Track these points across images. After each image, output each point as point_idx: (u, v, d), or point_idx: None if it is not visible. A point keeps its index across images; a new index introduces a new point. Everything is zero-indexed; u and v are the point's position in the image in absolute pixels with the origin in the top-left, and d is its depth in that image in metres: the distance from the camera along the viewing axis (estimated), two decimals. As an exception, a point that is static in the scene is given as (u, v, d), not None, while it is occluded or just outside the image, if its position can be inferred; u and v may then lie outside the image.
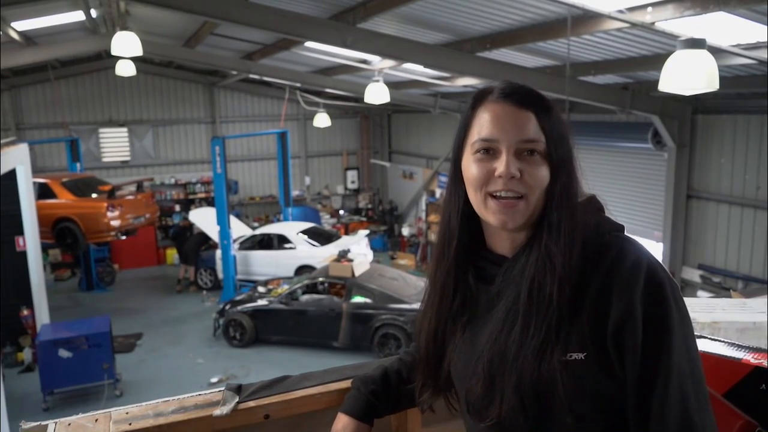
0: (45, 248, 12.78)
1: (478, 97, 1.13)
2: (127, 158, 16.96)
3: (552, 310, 1.03)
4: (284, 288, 10.92)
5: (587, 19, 5.69)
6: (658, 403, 1.00)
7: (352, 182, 19.79)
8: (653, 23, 5.13)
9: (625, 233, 1.12)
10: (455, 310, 1.20)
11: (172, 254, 16.42)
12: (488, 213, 1.10)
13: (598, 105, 8.68)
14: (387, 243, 17.58)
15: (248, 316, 10.53)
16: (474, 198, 1.12)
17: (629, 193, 9.98)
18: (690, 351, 1.02)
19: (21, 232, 9.67)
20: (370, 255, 13.20)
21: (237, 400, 1.41)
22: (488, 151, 1.09)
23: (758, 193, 8.08)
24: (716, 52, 5.12)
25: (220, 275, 13.31)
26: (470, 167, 1.11)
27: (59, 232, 11.91)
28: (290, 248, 13.10)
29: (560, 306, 1.03)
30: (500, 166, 1.06)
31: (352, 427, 1.33)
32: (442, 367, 1.23)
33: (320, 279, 10.64)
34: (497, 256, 1.17)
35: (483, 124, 1.10)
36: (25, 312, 9.82)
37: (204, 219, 13.98)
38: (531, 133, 1.07)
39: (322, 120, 15.77)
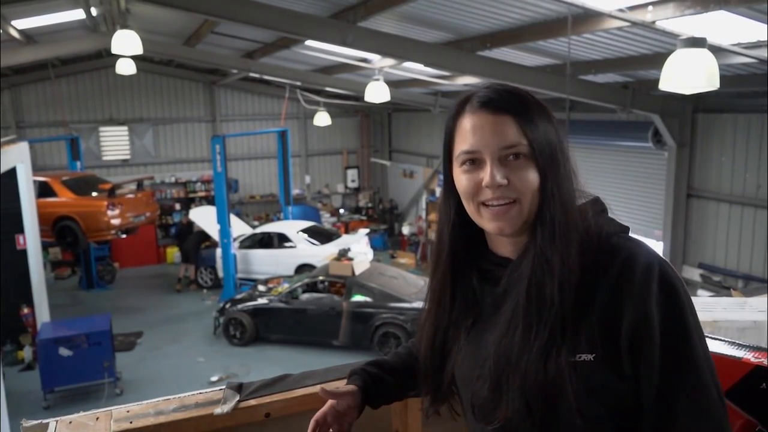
0: (45, 247, 12.77)
1: (458, 108, 1.13)
2: (128, 157, 16.95)
3: (554, 311, 1.03)
4: (284, 287, 10.92)
5: (588, 17, 5.69)
6: (686, 402, 1.00)
7: (353, 181, 19.78)
8: (654, 22, 5.13)
9: (630, 234, 1.12)
10: (456, 316, 1.20)
11: (172, 253, 16.43)
12: (484, 221, 1.10)
13: (599, 104, 8.67)
14: (387, 242, 17.58)
15: (248, 314, 10.53)
16: (468, 208, 1.12)
17: (629, 192, 9.97)
18: (706, 350, 1.04)
19: (21, 231, 9.67)
20: (370, 254, 13.19)
21: (238, 398, 1.41)
22: (474, 161, 1.09)
23: (758, 192, 8.08)
24: (717, 50, 5.11)
25: (221, 274, 13.32)
26: (459, 179, 1.12)
27: (59, 230, 11.91)
28: (290, 247, 13.10)
29: (562, 306, 1.03)
30: (485, 176, 1.06)
31: (345, 386, 1.32)
32: (444, 375, 1.22)
33: (320, 278, 10.64)
34: (501, 258, 1.17)
35: (464, 136, 1.10)
36: (26, 310, 9.82)
37: (204, 218, 13.99)
38: (511, 138, 1.06)
39: (322, 119, 15.76)
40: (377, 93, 9.73)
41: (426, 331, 1.25)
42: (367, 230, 15.03)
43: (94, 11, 9.72)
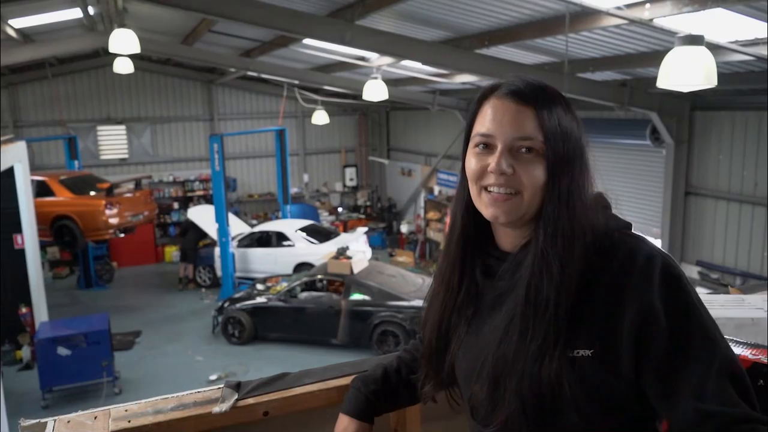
0: (43, 246, 12.76)
1: (485, 93, 1.14)
2: (125, 156, 16.94)
3: (549, 314, 1.02)
4: (283, 285, 10.92)
5: (585, 15, 5.69)
6: (696, 353, 0.98)
7: (351, 179, 19.78)
8: (651, 20, 5.13)
9: (633, 231, 1.11)
10: (460, 302, 1.21)
11: (170, 252, 16.43)
12: (482, 206, 1.11)
13: (597, 102, 8.67)
14: (385, 240, 17.59)
15: (247, 313, 10.53)
16: (472, 191, 1.13)
17: (627, 190, 9.98)
18: (717, 328, 1.02)
19: (19, 230, 9.65)
20: (368, 252, 13.20)
21: (236, 397, 1.41)
22: (486, 146, 1.09)
23: (756, 190, 8.09)
24: (714, 48, 5.12)
25: (219, 273, 13.31)
26: (469, 160, 1.12)
27: (57, 229, 11.90)
28: (289, 245, 13.09)
29: (558, 310, 1.02)
30: (492, 162, 1.07)
31: (354, 427, 1.34)
32: (446, 360, 1.23)
33: (319, 276, 10.64)
34: (503, 252, 1.17)
35: (484, 120, 1.11)
36: (24, 310, 9.81)
37: (203, 217, 13.98)
38: (527, 131, 1.06)
39: (320, 117, 15.74)
40: (375, 91, 9.72)
41: (433, 313, 1.25)
42: (365, 229, 15.03)
43: (91, 10, 9.70)
